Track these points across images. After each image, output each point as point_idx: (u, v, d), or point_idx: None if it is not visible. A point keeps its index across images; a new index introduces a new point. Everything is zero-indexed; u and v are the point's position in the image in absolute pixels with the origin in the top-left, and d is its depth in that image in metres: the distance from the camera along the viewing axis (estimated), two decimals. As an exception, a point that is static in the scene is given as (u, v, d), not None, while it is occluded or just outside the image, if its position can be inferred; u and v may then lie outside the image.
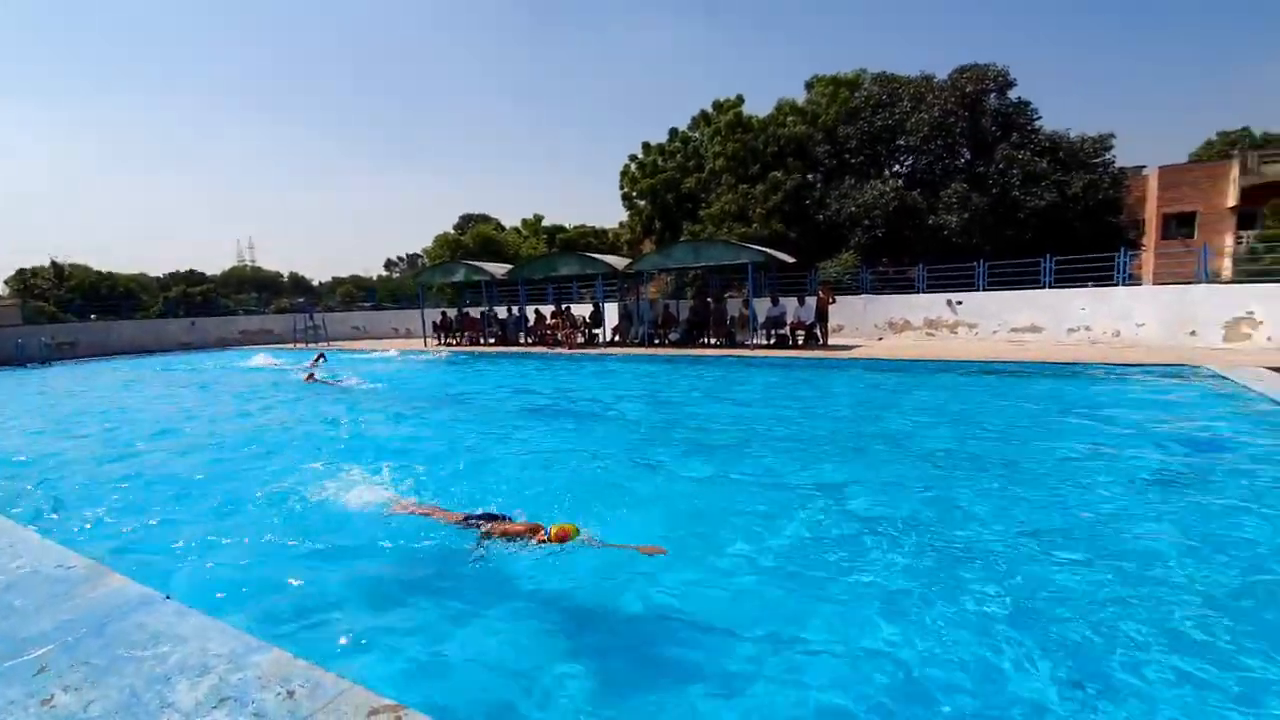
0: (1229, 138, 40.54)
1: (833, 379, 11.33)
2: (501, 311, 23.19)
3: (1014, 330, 16.19)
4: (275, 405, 10.36)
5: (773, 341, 17.07)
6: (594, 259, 19.42)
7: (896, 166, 24.65)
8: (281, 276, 73.13)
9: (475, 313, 23.44)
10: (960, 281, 17.85)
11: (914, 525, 4.20)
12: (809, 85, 27.42)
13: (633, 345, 18.71)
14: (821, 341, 16.37)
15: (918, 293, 18.22)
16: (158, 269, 64.16)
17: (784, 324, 16.90)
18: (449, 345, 21.72)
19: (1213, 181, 30.38)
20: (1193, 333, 13.58)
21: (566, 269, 20.12)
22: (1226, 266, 25.04)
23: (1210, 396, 8.05)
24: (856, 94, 24.77)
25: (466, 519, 4.25)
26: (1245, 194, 28.42)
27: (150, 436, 7.92)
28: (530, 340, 21.19)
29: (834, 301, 17.14)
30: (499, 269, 22.03)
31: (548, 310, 21.76)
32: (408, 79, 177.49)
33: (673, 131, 29.46)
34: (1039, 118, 22.15)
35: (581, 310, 21.82)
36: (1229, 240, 28.46)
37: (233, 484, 5.56)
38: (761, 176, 24.24)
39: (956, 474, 5.38)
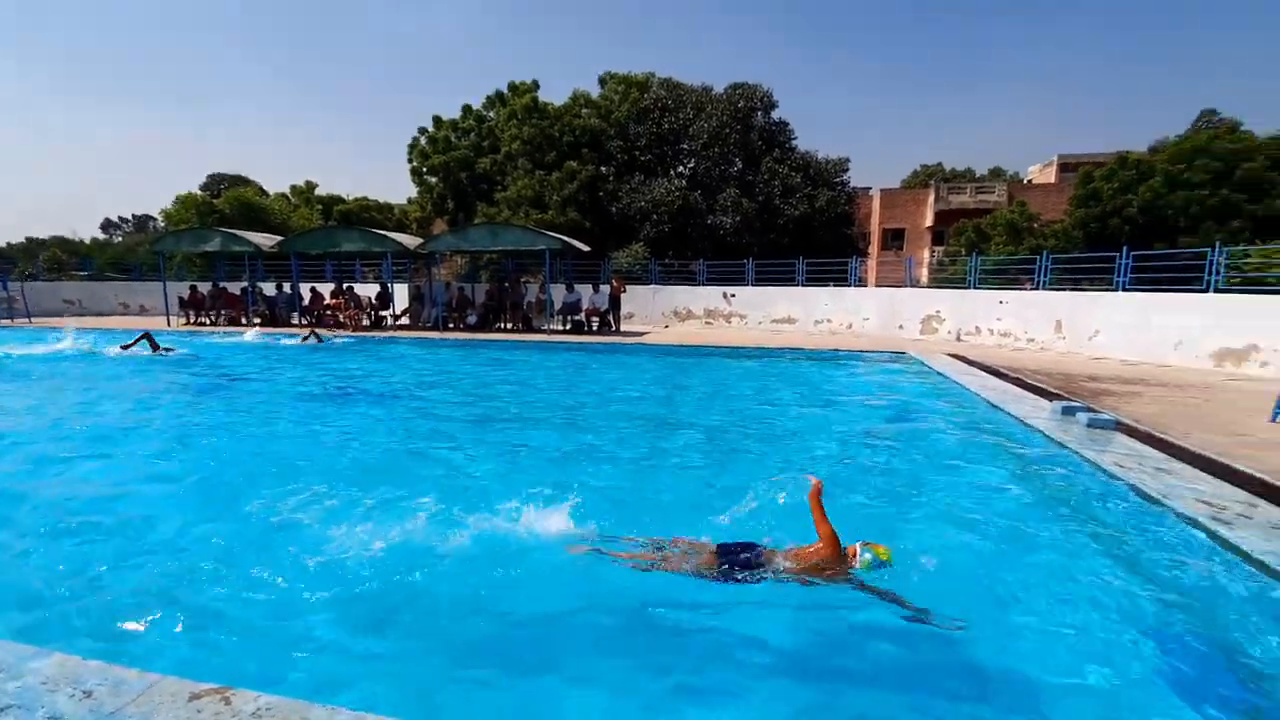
0: (928, 170, 50.29)
1: (626, 361, 12.17)
2: (268, 288, 20.72)
3: (775, 321, 18.68)
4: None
5: (569, 327, 17.65)
6: (382, 235, 18.25)
7: (681, 168, 26.71)
8: (-61, 233, 56.41)
9: (235, 289, 20.63)
10: (734, 277, 20.07)
11: (692, 481, 4.95)
12: (602, 81, 28.40)
13: (425, 329, 18.02)
14: (615, 328, 17.33)
15: (699, 285, 20.11)
16: None
17: (580, 310, 17.56)
18: (201, 325, 18.84)
19: (916, 205, 37.61)
20: (901, 326, 16.92)
21: (349, 245, 18.59)
22: (925, 275, 31.31)
23: (908, 374, 10.29)
24: (646, 95, 26.28)
25: (721, 554, 3.25)
26: (938, 217, 35.61)
27: None
28: (306, 321, 19.27)
29: (626, 290, 18.22)
30: (265, 240, 19.60)
31: (326, 289, 19.95)
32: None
33: (466, 108, 28.56)
34: (795, 138, 25.61)
35: (366, 291, 20.39)
36: (927, 254, 35.55)
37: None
38: (558, 164, 24.66)
39: (726, 436, 6.33)
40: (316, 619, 2.95)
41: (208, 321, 19.38)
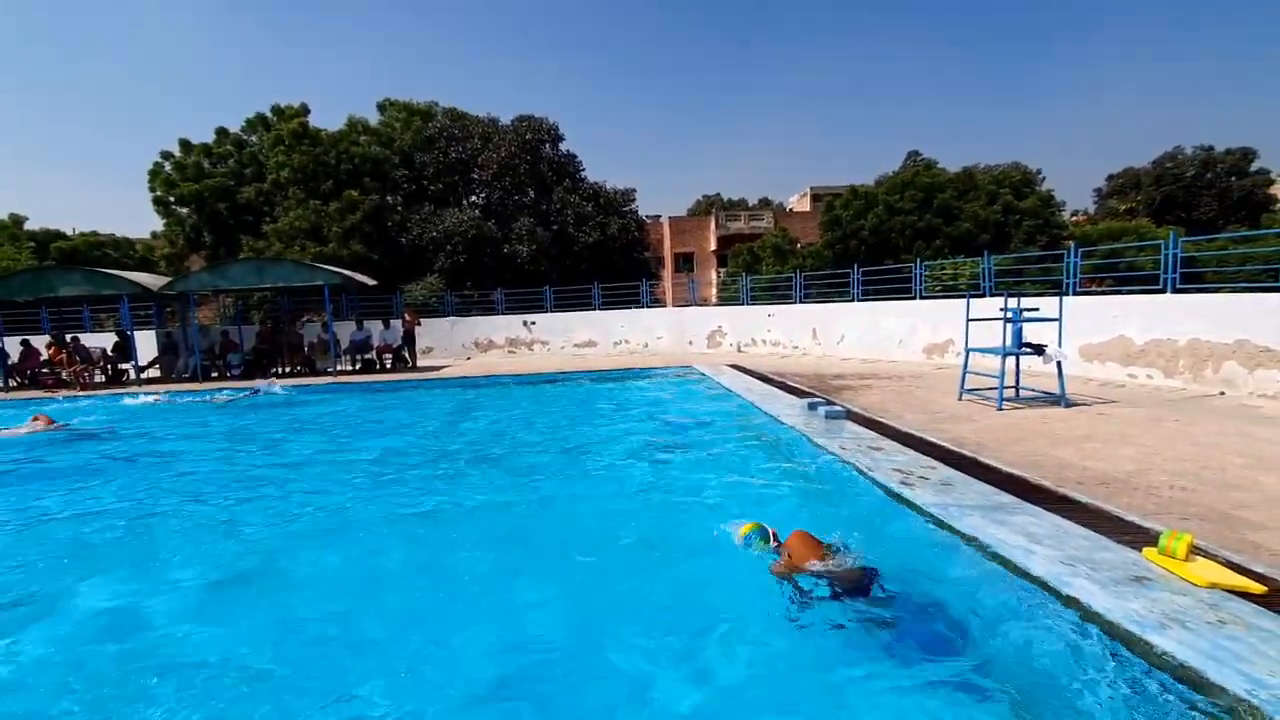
0: (709, 199, 55.22)
1: (415, 398, 11.65)
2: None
3: (577, 345, 19.14)
4: None
5: (359, 366, 16.48)
6: (114, 276, 15.54)
7: (473, 197, 26.42)
8: None
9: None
10: (533, 304, 20.24)
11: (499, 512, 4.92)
12: (381, 107, 27.24)
13: (182, 380, 15.65)
14: (411, 364, 16.52)
15: (499, 314, 19.95)
16: None
17: (370, 348, 16.49)
18: None
19: (701, 231, 41.05)
20: (690, 342, 18.30)
21: (69, 288, 15.49)
22: (714, 294, 34.19)
23: (694, 385, 11.19)
24: (430, 124, 25.67)
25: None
26: (720, 241, 39.19)
27: None
28: (18, 381, 15.76)
29: (420, 324, 17.49)
30: (-56, 287, 15.70)
31: (43, 342, 16.48)
32: None
33: (222, 132, 25.59)
34: (584, 169, 26.66)
35: (102, 342, 17.22)
36: (714, 274, 38.89)
37: None
38: (336, 194, 23.04)
39: (539, 457, 6.38)
40: None
41: None
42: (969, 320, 8.02)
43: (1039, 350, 7.32)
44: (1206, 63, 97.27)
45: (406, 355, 16.54)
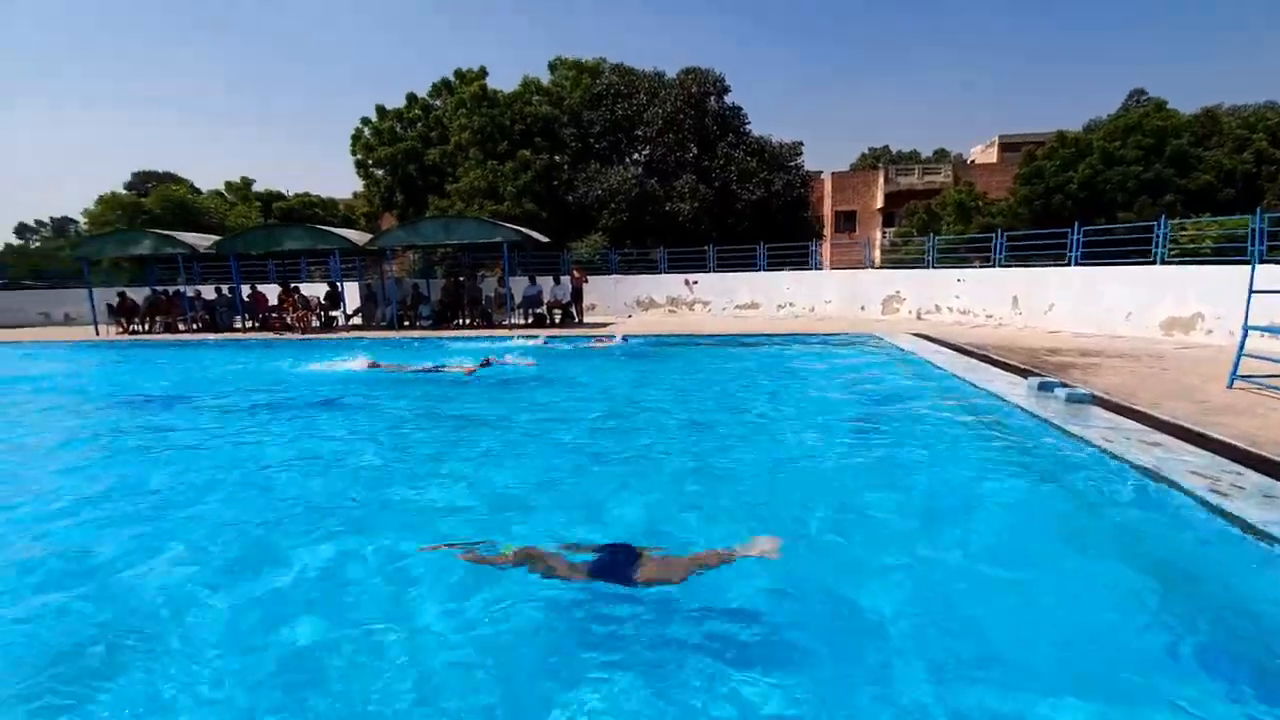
0: (876, 153, 51.22)
1: (598, 354, 11.95)
2: (208, 292, 19.70)
3: (739, 307, 18.71)
4: None
5: (530, 321, 17.30)
6: (328, 232, 17.47)
7: (636, 155, 26.44)
8: None
9: (171, 292, 19.53)
10: (694, 264, 20.00)
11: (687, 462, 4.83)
12: (552, 67, 27.85)
13: (380, 328, 17.40)
14: (578, 320, 17.07)
15: (660, 273, 19.97)
16: None
17: (541, 303, 17.22)
18: (133, 334, 17.79)
19: (866, 187, 38.27)
20: (863, 307, 17.16)
21: (293, 243, 17.73)
22: (878, 256, 31.91)
23: (878, 354, 10.40)
24: (598, 81, 25.87)
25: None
26: (888, 199, 36.34)
27: None
28: (252, 324, 18.40)
29: (587, 281, 17.95)
30: (200, 241, 18.56)
31: (269, 291, 19.05)
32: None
33: (411, 97, 27.61)
34: (749, 122, 25.62)
35: (314, 291, 19.57)
36: (878, 235, 36.26)
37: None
38: (511, 154, 24.09)
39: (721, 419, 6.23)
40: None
41: (142, 329, 18.31)
42: (1252, 291, 6.58)
43: (1363, 333, 5.82)
44: None
45: (574, 311, 17.09)
